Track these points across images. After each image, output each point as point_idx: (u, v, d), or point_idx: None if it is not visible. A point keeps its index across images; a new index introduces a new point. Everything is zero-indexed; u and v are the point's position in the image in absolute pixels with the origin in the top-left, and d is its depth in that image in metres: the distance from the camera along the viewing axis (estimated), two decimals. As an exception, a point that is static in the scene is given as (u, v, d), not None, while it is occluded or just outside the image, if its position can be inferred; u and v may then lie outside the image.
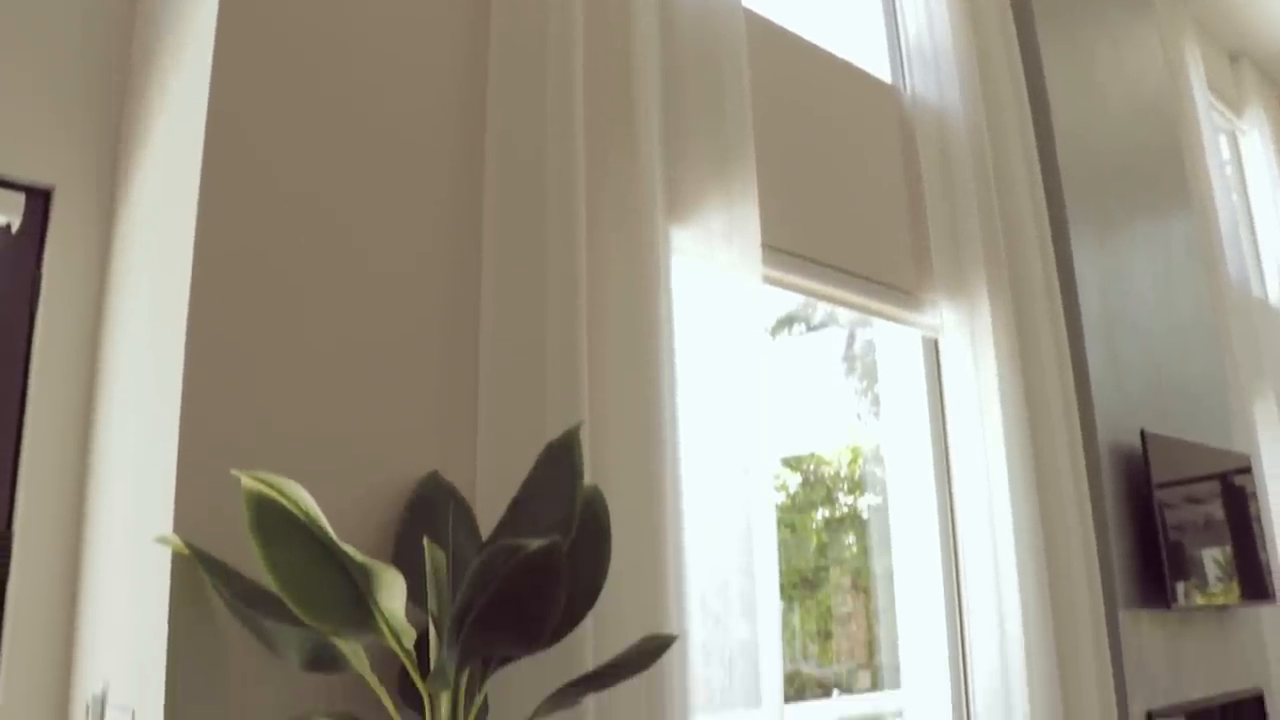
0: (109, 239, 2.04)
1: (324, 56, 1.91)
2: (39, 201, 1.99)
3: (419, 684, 1.55)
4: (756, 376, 2.33)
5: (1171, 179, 4.73)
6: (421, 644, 1.67)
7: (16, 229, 1.96)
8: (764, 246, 2.50)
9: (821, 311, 3.30)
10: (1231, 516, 4.20)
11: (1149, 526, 3.66)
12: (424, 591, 1.69)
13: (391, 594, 1.47)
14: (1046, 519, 3.17)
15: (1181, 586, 3.64)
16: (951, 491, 3.17)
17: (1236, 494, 4.32)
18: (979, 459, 3.06)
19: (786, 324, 3.19)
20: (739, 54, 2.55)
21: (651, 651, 1.66)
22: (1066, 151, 3.87)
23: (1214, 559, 3.93)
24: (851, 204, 3.07)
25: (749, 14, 2.92)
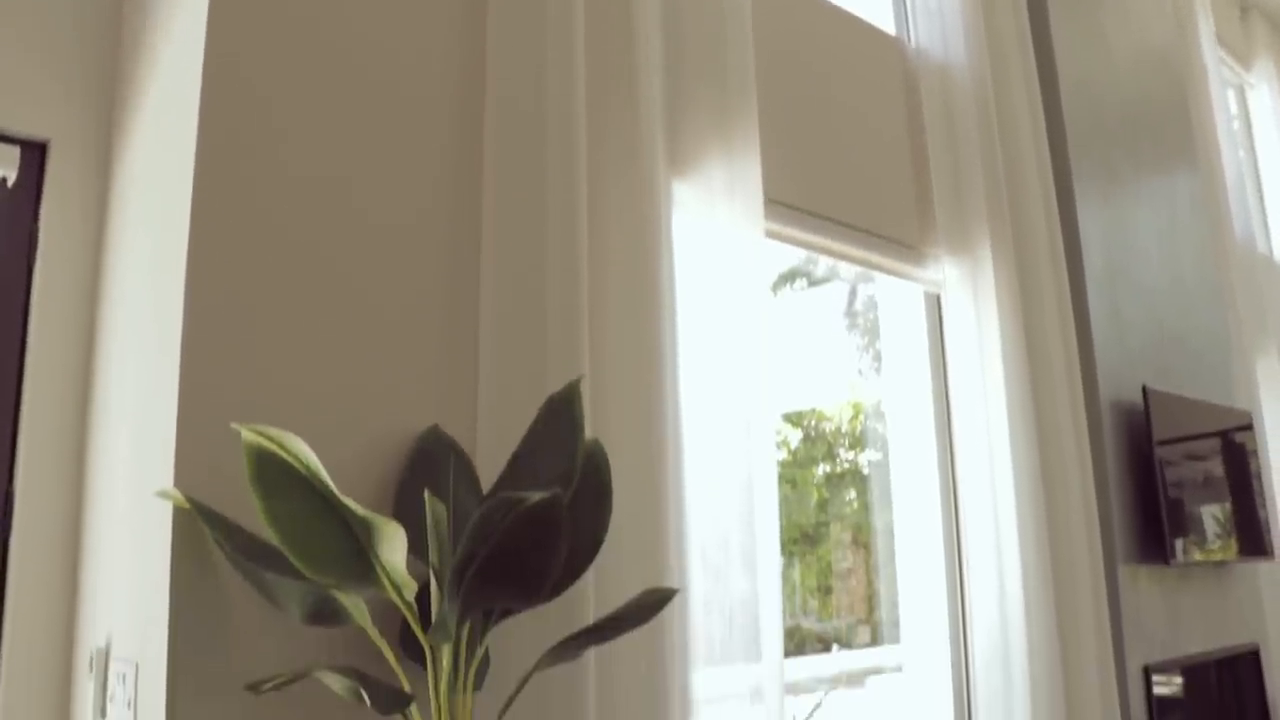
0: (106, 193, 2.03)
1: (323, 9, 1.88)
2: (35, 155, 1.98)
3: (420, 636, 1.56)
4: (758, 331, 2.32)
5: (1178, 133, 4.68)
6: (423, 597, 1.68)
7: (12, 183, 1.94)
8: (766, 200, 2.48)
9: (823, 267, 3.28)
10: (1231, 474, 4.20)
11: (1149, 483, 3.66)
12: (425, 545, 1.70)
13: (392, 547, 1.48)
14: (1047, 475, 3.17)
15: (1180, 543, 3.65)
16: (952, 447, 3.17)
17: (1237, 451, 4.32)
18: (980, 415, 3.06)
19: (788, 279, 3.18)
20: (742, 5, 2.52)
21: (652, 605, 1.66)
22: (1072, 105, 3.83)
23: (1213, 516, 3.94)
24: (854, 158, 3.04)
25: (751, -36, 2.87)
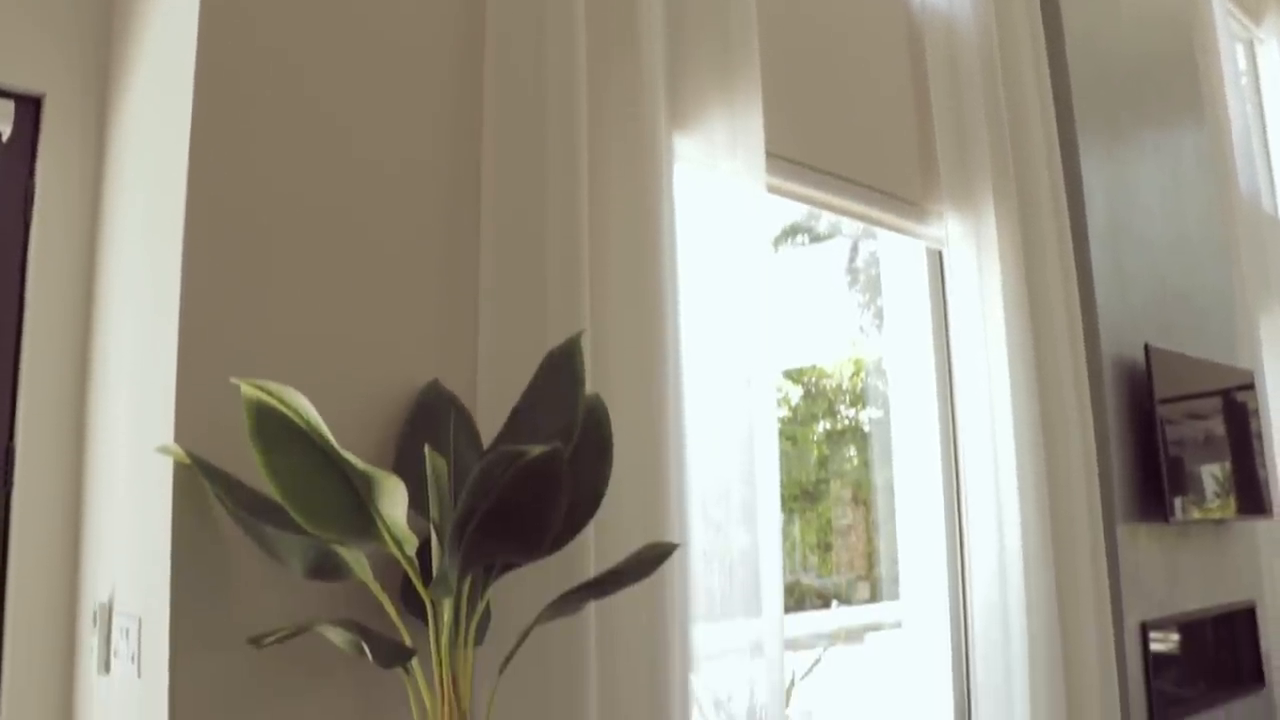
0: (102, 146, 2.01)
1: (315, -45, 1.85)
2: (29, 110, 1.95)
3: (421, 591, 1.56)
4: (759, 285, 2.31)
5: (1184, 88, 4.63)
6: (423, 551, 1.68)
7: (7, 138, 1.93)
8: (768, 155, 2.46)
9: (825, 223, 3.26)
10: (1232, 433, 4.21)
11: (1150, 441, 3.66)
12: (425, 500, 1.70)
13: (393, 501, 1.48)
14: (1048, 433, 3.17)
15: (1180, 501, 3.66)
16: (953, 405, 3.16)
17: (1238, 410, 4.32)
18: (981, 372, 3.05)
19: (790, 235, 3.15)
20: (744, -44, 2.47)
21: (653, 559, 1.67)
22: (1077, 59, 3.78)
23: (1212, 475, 3.95)
24: (858, 112, 3.01)
25: (754, -86, 2.82)
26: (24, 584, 1.83)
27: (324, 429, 1.44)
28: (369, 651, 1.47)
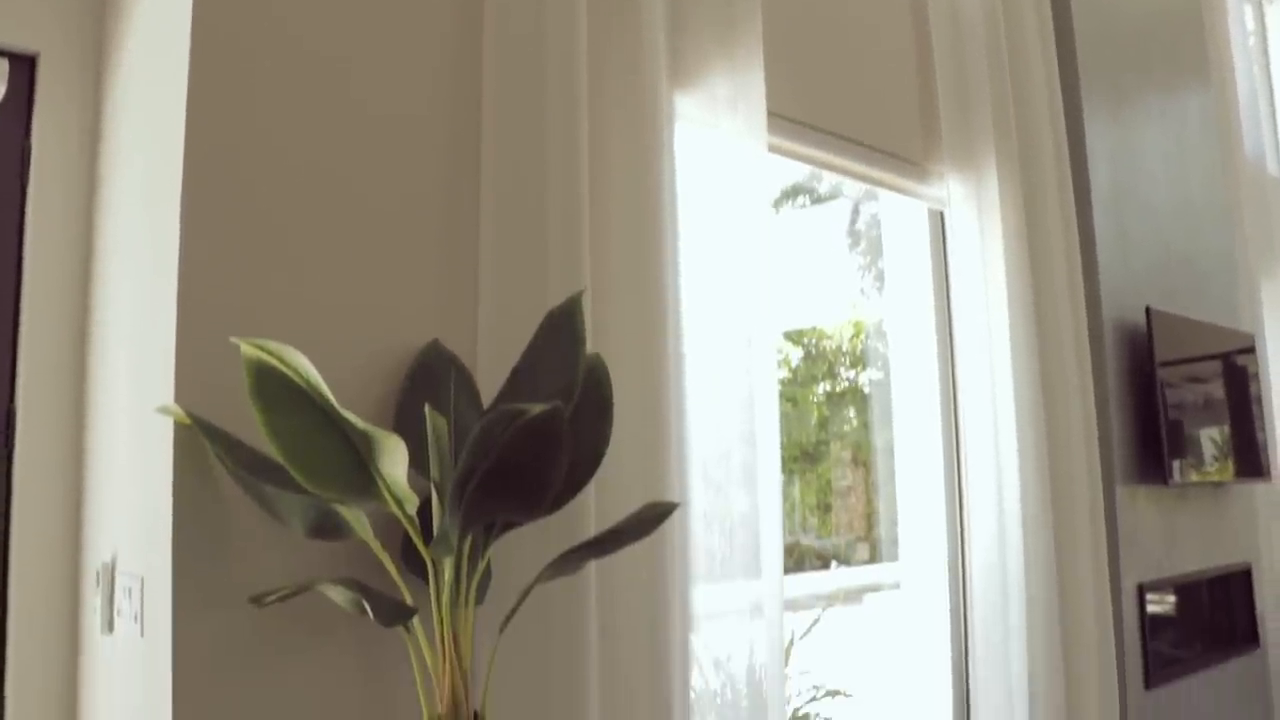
0: (99, 105, 1.99)
1: (310, -91, 1.82)
2: (24, 69, 1.94)
3: (422, 550, 1.56)
4: (759, 245, 2.30)
5: (1191, 50, 4.59)
6: (424, 511, 1.69)
7: (2, 98, 1.91)
8: (769, 114, 2.44)
9: (827, 183, 3.24)
10: (1232, 396, 4.21)
11: (1150, 404, 3.66)
12: (426, 459, 1.70)
13: (393, 460, 1.48)
14: (1048, 395, 3.17)
15: (1178, 464, 3.67)
16: (954, 366, 3.16)
17: (1238, 374, 4.32)
18: (982, 334, 3.05)
19: (791, 196, 3.14)
20: (745, -89, 2.44)
21: (653, 518, 1.67)
22: (1083, 18, 3.74)
23: (1211, 438, 3.95)
24: (860, 71, 2.99)
25: None
26: (27, 545, 1.84)
27: (324, 388, 1.43)
28: (370, 610, 1.48)
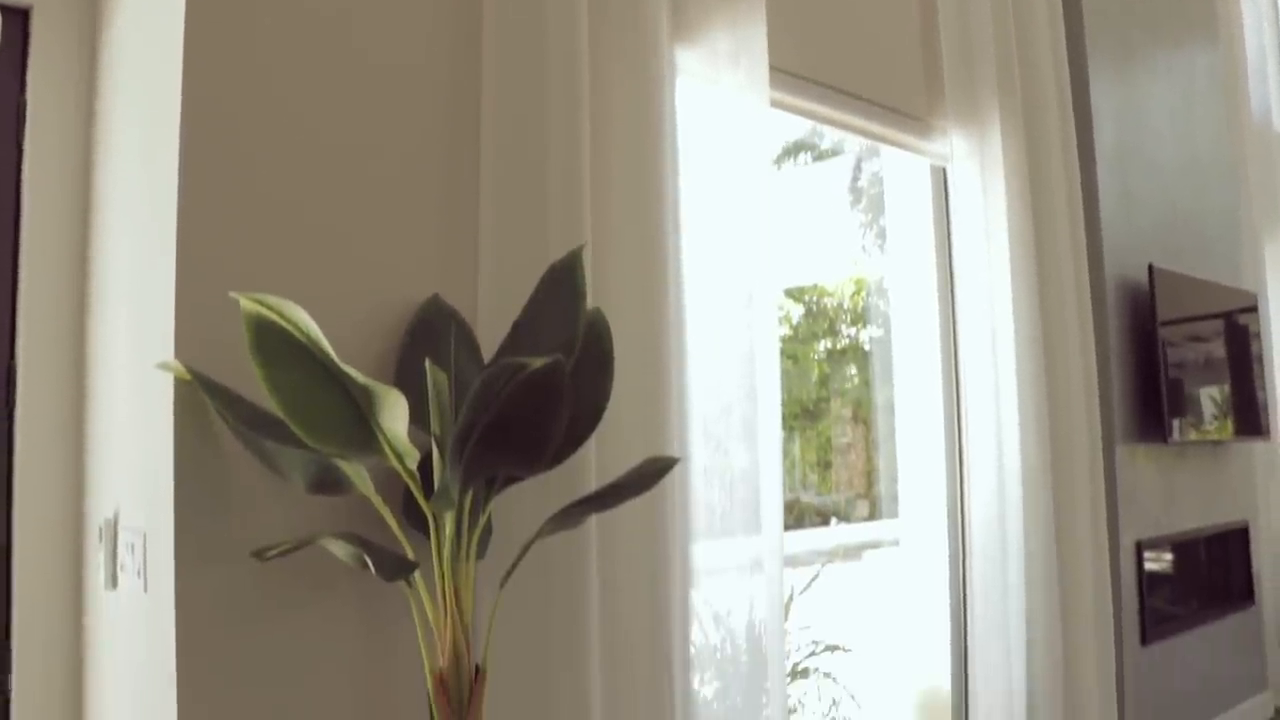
0: (94, 59, 1.97)
1: None
2: (18, 22, 1.91)
3: (423, 504, 1.57)
4: (761, 201, 2.28)
5: (1199, 6, 4.53)
6: (425, 465, 1.69)
7: (-4, 52, 1.89)
8: (771, 68, 2.41)
9: (829, 141, 3.21)
10: (1232, 355, 4.20)
11: (1150, 362, 3.66)
12: (426, 413, 1.70)
13: (394, 415, 1.47)
14: (1049, 353, 3.17)
15: (1178, 423, 3.67)
16: (955, 324, 3.15)
17: (1240, 333, 4.32)
18: (983, 291, 3.03)
19: (793, 152, 3.11)
20: None
21: (654, 473, 1.68)
22: (1089, -28, 3.69)
23: (1211, 397, 3.96)
24: (863, 25, 2.95)
25: None
26: (30, 502, 1.84)
27: (324, 343, 1.43)
28: (371, 564, 1.48)
